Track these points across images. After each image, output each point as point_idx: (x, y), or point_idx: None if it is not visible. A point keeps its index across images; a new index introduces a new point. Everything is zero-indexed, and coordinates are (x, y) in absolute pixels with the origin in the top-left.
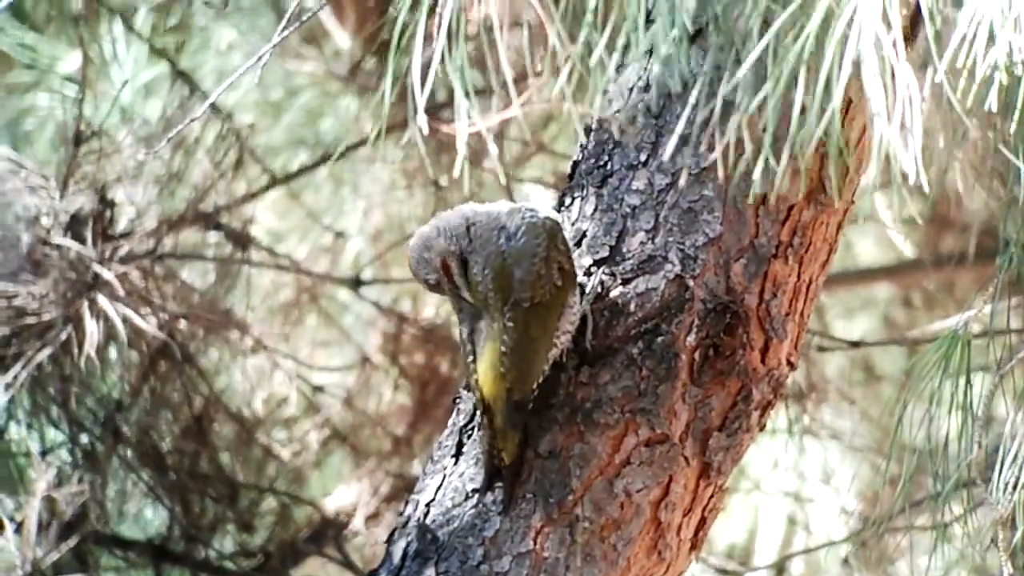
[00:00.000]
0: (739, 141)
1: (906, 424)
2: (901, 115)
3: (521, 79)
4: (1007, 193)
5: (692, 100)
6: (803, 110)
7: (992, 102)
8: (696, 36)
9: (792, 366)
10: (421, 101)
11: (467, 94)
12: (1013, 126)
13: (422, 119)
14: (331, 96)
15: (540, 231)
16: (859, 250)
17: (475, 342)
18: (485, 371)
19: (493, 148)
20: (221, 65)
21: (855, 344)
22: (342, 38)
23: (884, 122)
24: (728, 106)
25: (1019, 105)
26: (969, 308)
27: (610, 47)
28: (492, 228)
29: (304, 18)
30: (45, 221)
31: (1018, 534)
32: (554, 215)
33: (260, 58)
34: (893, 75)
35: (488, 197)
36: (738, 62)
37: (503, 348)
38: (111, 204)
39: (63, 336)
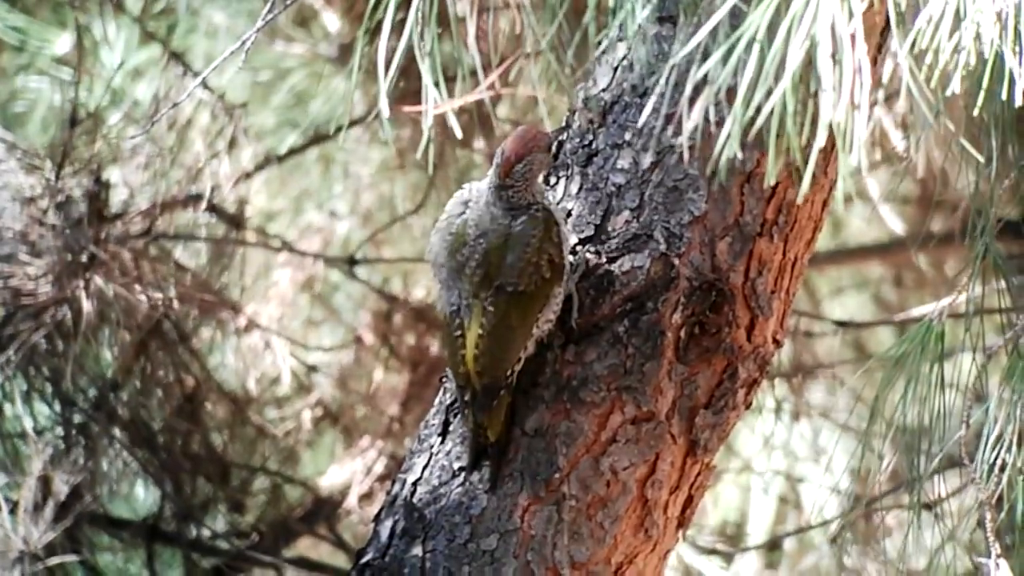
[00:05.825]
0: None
1: (889, 409)
2: (851, 91)
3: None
4: (980, 173)
5: (663, 80)
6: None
7: (956, 84)
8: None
9: (778, 344)
10: (385, 84)
11: (436, 83)
12: (977, 108)
13: (384, 103)
14: (320, 77)
15: (538, 221)
16: (850, 229)
17: (461, 320)
18: (469, 349)
19: (458, 130)
20: (209, 48)
21: (842, 324)
22: (331, 19)
23: (830, 98)
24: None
25: (984, 86)
26: (948, 294)
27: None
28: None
29: (290, 1)
30: (40, 202)
31: (1003, 514)
32: (553, 207)
33: (246, 41)
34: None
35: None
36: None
37: (480, 331)
38: (106, 185)
39: (58, 316)
